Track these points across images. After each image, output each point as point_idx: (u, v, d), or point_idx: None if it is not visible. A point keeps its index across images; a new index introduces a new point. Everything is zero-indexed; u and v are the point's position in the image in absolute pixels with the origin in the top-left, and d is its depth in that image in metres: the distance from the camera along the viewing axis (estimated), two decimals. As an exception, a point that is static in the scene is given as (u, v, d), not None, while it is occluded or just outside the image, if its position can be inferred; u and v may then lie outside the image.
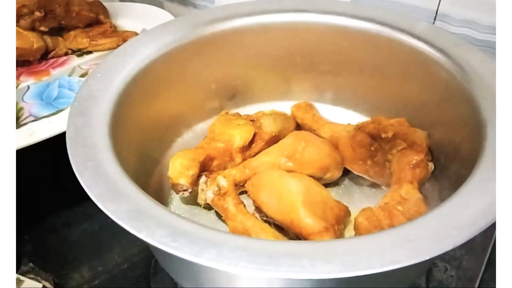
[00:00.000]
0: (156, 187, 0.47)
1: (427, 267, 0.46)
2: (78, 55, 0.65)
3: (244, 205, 0.44)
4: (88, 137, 0.35)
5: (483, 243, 0.50)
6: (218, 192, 0.44)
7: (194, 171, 0.44)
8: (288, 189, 0.41)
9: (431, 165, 0.44)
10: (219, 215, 0.45)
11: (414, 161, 0.43)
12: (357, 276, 0.26)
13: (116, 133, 0.38)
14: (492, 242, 0.50)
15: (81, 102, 0.39)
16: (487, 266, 0.48)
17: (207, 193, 0.44)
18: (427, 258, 0.26)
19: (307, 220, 0.39)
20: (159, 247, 0.27)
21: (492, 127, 0.36)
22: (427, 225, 0.29)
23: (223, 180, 0.44)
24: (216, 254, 0.27)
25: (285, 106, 0.55)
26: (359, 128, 0.46)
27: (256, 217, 0.43)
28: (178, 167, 0.44)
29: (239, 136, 0.48)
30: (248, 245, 0.27)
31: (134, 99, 0.42)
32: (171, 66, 0.47)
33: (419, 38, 0.45)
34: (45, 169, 0.58)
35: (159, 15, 0.68)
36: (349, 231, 0.43)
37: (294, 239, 0.42)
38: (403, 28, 0.46)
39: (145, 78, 0.44)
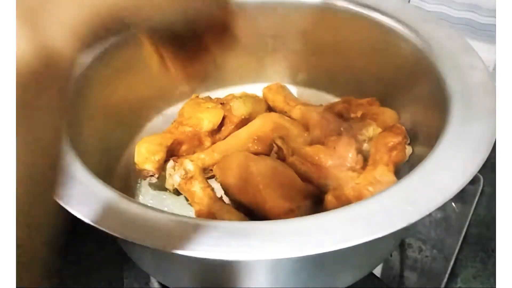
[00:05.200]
0: (124, 173, 0.46)
1: (396, 244, 0.45)
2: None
3: (213, 189, 0.43)
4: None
5: (459, 223, 0.49)
6: (185, 176, 0.43)
7: (160, 156, 0.44)
8: (253, 172, 0.40)
9: (409, 149, 0.43)
10: (188, 200, 0.45)
11: (391, 143, 0.42)
12: (319, 255, 0.25)
13: (72, 118, 0.37)
14: (468, 222, 0.50)
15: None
16: (463, 246, 0.48)
17: (174, 178, 0.44)
18: (380, 235, 0.26)
19: (272, 203, 0.38)
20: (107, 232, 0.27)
21: (457, 103, 0.35)
22: (382, 202, 0.28)
23: (189, 164, 0.43)
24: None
25: (258, 89, 0.54)
26: (329, 108, 0.45)
27: (223, 201, 0.42)
28: (144, 152, 0.43)
29: (208, 119, 0.47)
30: (199, 227, 0.27)
31: (93, 83, 0.41)
32: (134, 49, 0.46)
33: (387, 14, 0.44)
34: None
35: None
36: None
37: (262, 222, 0.41)
38: (371, 5, 0.45)
39: (105, 62, 0.42)
